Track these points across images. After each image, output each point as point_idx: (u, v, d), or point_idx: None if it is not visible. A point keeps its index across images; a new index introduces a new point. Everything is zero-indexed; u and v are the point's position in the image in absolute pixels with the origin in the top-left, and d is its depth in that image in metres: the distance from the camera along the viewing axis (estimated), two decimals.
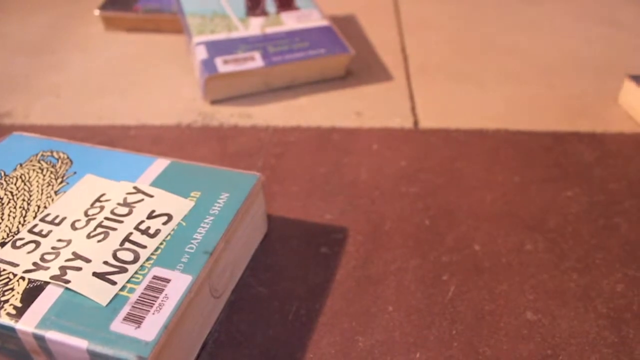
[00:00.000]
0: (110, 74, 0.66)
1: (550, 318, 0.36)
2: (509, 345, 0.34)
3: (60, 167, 0.42)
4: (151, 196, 0.38)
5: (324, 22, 0.66)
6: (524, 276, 0.39)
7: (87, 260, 0.33)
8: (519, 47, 0.68)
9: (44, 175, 0.41)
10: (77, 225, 0.36)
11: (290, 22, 0.65)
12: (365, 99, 0.59)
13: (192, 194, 0.38)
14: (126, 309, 0.31)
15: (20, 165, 0.42)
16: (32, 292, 0.32)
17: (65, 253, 0.34)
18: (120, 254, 0.34)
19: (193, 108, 0.59)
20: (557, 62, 0.65)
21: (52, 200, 0.39)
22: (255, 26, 0.64)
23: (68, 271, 0.33)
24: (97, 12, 0.76)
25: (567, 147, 0.51)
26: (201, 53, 0.59)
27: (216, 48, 0.60)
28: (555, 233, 0.42)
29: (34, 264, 0.34)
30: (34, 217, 0.37)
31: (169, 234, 0.35)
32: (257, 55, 0.59)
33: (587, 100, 0.57)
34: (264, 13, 0.66)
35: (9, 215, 0.38)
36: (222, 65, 0.58)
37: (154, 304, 0.31)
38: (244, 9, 0.67)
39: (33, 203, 0.38)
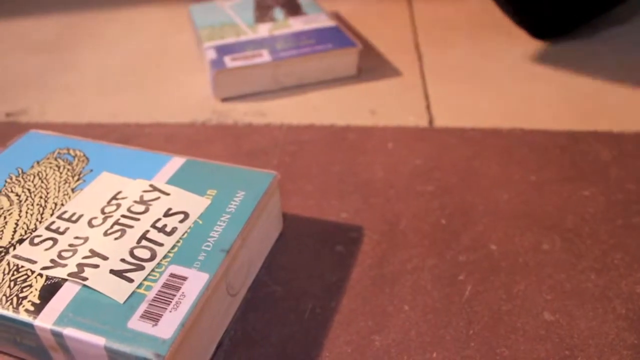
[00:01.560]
0: (124, 72, 0.67)
1: (568, 318, 0.35)
2: (526, 346, 0.34)
3: (76, 165, 0.42)
4: (167, 194, 0.38)
5: (330, 23, 0.66)
6: (541, 276, 0.38)
7: (104, 258, 0.33)
8: (533, 46, 0.68)
9: (61, 173, 0.41)
10: (94, 222, 0.36)
11: (297, 24, 0.66)
12: (379, 97, 0.59)
13: (208, 192, 0.38)
14: (143, 307, 0.31)
15: (38, 162, 0.42)
16: (50, 289, 0.32)
17: (83, 250, 0.34)
18: (137, 252, 0.34)
19: (207, 106, 0.59)
20: (570, 60, 0.64)
21: (69, 197, 0.39)
22: (264, 30, 0.65)
23: (85, 268, 0.33)
24: None
25: (583, 147, 0.50)
26: (210, 54, 0.60)
27: (225, 49, 0.62)
28: (572, 233, 0.42)
29: (52, 261, 0.34)
30: (51, 215, 0.37)
31: (186, 232, 0.35)
32: (264, 52, 0.60)
33: (603, 98, 0.57)
34: (272, 20, 0.67)
35: (26, 212, 0.38)
36: (230, 62, 0.59)
37: (171, 301, 0.31)
38: (253, 18, 0.68)
39: (50, 200, 0.39)
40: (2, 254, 0.35)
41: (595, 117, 0.54)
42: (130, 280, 0.32)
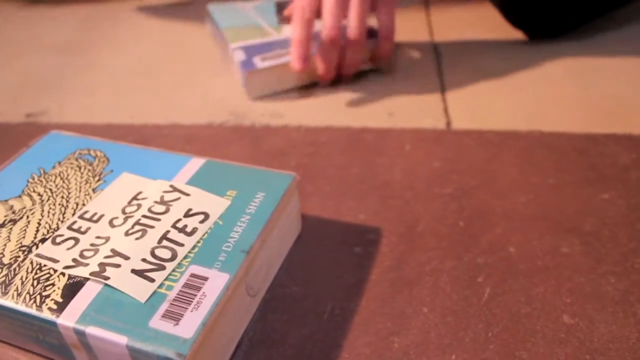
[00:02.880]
0: (142, 74, 0.67)
1: (587, 322, 0.35)
2: (545, 349, 0.34)
3: (97, 165, 0.42)
4: (188, 195, 0.38)
5: None
6: (560, 279, 0.38)
7: (126, 258, 0.34)
8: (552, 47, 0.67)
9: (82, 173, 0.41)
10: (115, 222, 0.37)
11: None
12: (396, 100, 0.59)
13: (228, 193, 0.39)
14: (164, 306, 0.31)
15: (59, 163, 0.43)
16: (72, 287, 0.33)
17: (104, 250, 0.35)
18: (158, 252, 0.34)
19: (225, 108, 0.59)
20: (590, 62, 0.64)
21: (90, 197, 0.39)
22: (288, 31, 0.65)
23: (107, 268, 0.33)
24: None
25: (602, 149, 0.50)
26: (239, 56, 0.61)
27: (253, 50, 0.62)
28: (591, 236, 0.41)
29: (74, 260, 0.34)
30: (73, 214, 0.38)
31: (206, 232, 0.36)
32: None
33: (622, 100, 0.57)
34: None
35: (48, 212, 0.38)
36: (261, 62, 0.59)
37: (192, 301, 0.31)
38: (276, 20, 0.68)
39: (72, 200, 0.39)
40: (26, 252, 0.35)
41: (614, 120, 0.54)
42: (152, 280, 0.33)
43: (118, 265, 0.33)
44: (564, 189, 0.46)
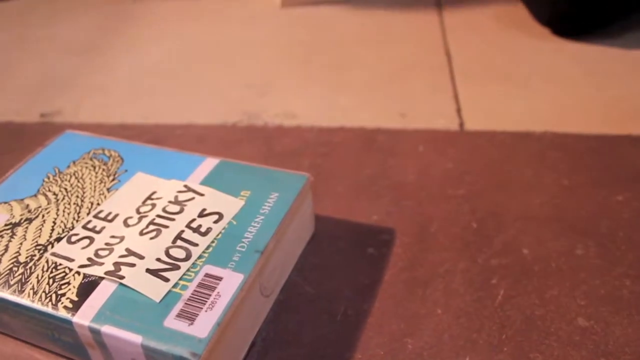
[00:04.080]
0: (156, 74, 0.67)
1: (603, 325, 0.35)
2: (560, 352, 0.34)
3: (111, 165, 0.42)
4: (202, 195, 0.38)
5: None
6: (574, 281, 0.38)
7: (141, 257, 0.34)
8: (566, 47, 0.67)
9: (97, 173, 0.42)
10: (130, 222, 0.37)
11: None
12: (409, 100, 0.59)
13: (242, 193, 0.39)
14: (179, 306, 0.31)
15: (74, 162, 0.43)
16: (87, 286, 0.33)
17: (119, 249, 0.35)
18: (172, 252, 0.34)
19: (238, 108, 0.59)
20: (604, 62, 0.63)
21: (105, 197, 0.39)
22: None
23: (122, 267, 0.33)
24: None
25: (617, 151, 0.50)
26: None
27: None
28: (606, 238, 0.41)
29: (89, 259, 0.34)
30: (88, 214, 0.38)
31: (220, 232, 0.36)
32: None
33: (638, 102, 0.56)
34: None
35: (63, 211, 0.38)
36: None
37: (206, 301, 0.31)
38: None
39: (86, 200, 0.39)
40: (41, 251, 0.35)
41: (629, 121, 0.53)
42: (166, 280, 0.33)
43: (133, 265, 0.33)
44: (578, 191, 0.46)
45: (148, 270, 0.33)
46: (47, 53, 0.75)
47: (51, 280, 0.33)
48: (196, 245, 0.35)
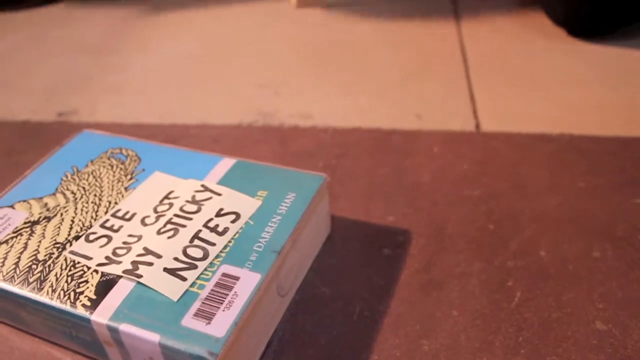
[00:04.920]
0: (171, 74, 0.68)
1: (621, 329, 0.35)
2: (577, 355, 0.34)
3: (129, 164, 0.43)
4: (219, 194, 0.39)
5: None
6: (592, 284, 0.38)
7: (158, 256, 0.34)
8: (582, 48, 0.67)
9: (114, 172, 0.42)
10: (147, 221, 0.37)
11: None
12: (424, 101, 0.59)
13: (259, 193, 0.39)
14: (196, 305, 0.31)
15: (92, 161, 0.43)
16: (105, 285, 0.33)
17: (137, 248, 0.35)
18: (190, 251, 0.35)
19: (253, 108, 0.59)
20: (621, 64, 0.63)
21: (122, 196, 0.40)
22: None
23: (140, 266, 0.33)
24: None
25: (634, 153, 0.49)
26: None
27: None
28: (624, 241, 0.41)
29: (107, 257, 0.35)
30: (105, 212, 0.38)
31: (237, 232, 0.36)
32: None
33: None
34: None
35: (81, 209, 0.39)
36: None
37: (223, 300, 0.32)
38: None
39: (104, 199, 0.39)
40: (60, 249, 0.36)
41: None
42: (184, 279, 0.33)
43: (150, 264, 0.34)
44: (595, 193, 0.45)
45: (166, 270, 0.33)
46: (63, 53, 0.75)
47: (69, 279, 0.34)
48: (213, 244, 0.35)
